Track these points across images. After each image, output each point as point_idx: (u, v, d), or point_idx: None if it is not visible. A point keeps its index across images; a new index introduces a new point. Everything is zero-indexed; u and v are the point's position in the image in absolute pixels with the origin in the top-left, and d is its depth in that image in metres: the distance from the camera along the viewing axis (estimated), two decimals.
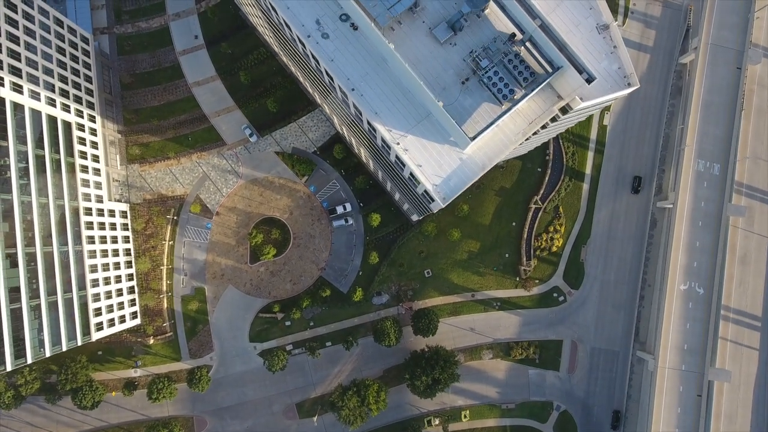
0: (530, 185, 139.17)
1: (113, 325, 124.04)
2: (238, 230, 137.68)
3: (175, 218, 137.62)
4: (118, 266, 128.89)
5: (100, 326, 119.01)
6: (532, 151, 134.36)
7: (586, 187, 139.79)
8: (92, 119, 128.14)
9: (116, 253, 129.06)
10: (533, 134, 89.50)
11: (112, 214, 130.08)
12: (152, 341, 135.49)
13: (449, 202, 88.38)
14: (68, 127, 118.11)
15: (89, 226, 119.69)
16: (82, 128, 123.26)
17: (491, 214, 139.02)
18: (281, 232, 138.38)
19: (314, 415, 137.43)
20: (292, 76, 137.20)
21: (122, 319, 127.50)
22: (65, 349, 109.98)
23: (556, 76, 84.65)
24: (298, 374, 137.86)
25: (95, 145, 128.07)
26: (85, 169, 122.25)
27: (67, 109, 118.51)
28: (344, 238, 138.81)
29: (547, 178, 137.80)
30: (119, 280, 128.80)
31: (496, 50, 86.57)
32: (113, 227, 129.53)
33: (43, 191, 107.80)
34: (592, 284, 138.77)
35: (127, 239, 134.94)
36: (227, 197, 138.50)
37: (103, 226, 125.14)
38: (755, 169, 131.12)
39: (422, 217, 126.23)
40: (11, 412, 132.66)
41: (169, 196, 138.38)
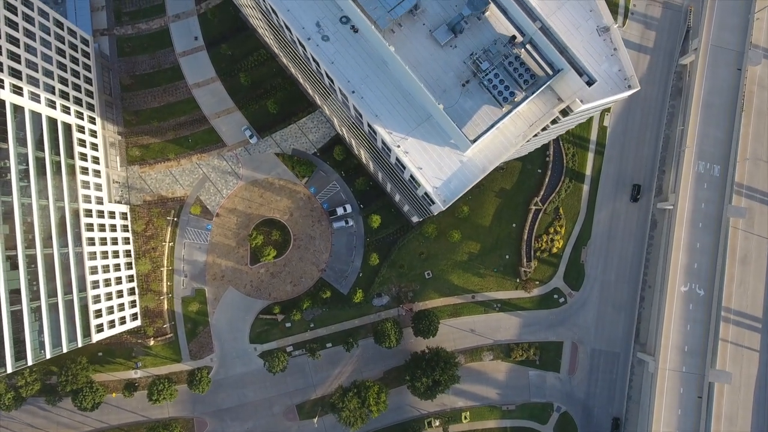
0: (530, 186, 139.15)
1: (114, 326, 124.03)
2: (238, 232, 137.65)
3: (175, 220, 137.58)
4: (118, 268, 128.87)
5: (100, 328, 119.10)
6: (532, 152, 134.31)
7: (586, 188, 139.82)
8: (92, 121, 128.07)
9: (116, 254, 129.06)
10: (533, 136, 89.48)
11: (112, 215, 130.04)
12: (152, 342, 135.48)
13: (450, 204, 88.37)
14: (68, 128, 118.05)
15: (89, 227, 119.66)
16: (82, 130, 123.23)
17: (491, 215, 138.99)
18: (281, 233, 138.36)
19: (314, 416, 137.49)
20: (292, 77, 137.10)
21: (122, 320, 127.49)
22: (66, 350, 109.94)
23: (556, 78, 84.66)
24: (298, 376, 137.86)
25: (95, 146, 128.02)
26: (85, 170, 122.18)
27: (67, 110, 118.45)
28: (344, 239, 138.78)
29: (547, 179, 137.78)
30: (119, 281, 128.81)
31: (496, 53, 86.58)
32: (113, 229, 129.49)
33: (43, 193, 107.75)
34: (592, 285, 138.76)
35: (127, 241, 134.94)
36: (227, 199, 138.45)
37: (103, 227, 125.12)
38: (755, 170, 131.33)
39: (422, 218, 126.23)
40: (12, 413, 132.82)
41: (169, 197, 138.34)
